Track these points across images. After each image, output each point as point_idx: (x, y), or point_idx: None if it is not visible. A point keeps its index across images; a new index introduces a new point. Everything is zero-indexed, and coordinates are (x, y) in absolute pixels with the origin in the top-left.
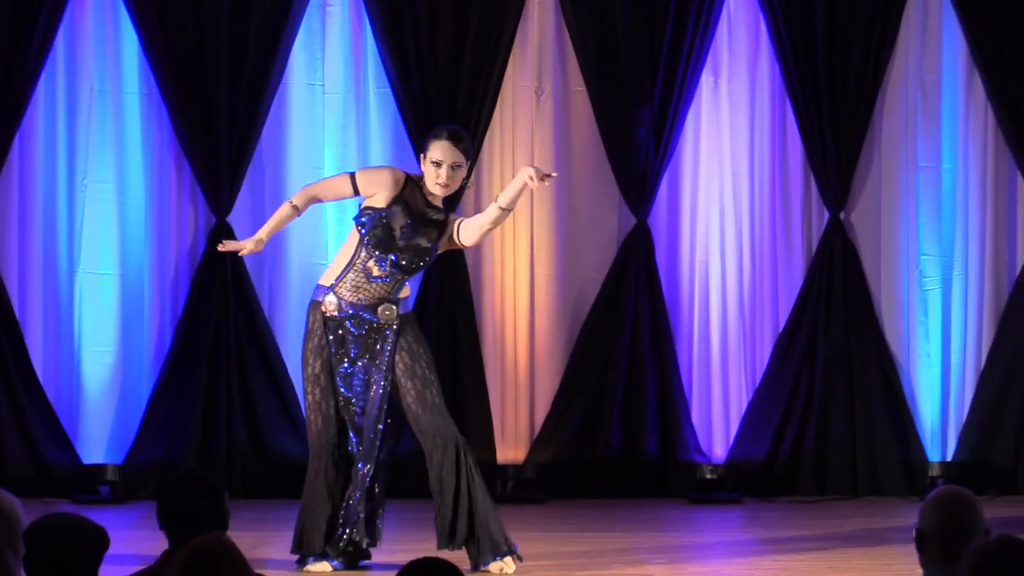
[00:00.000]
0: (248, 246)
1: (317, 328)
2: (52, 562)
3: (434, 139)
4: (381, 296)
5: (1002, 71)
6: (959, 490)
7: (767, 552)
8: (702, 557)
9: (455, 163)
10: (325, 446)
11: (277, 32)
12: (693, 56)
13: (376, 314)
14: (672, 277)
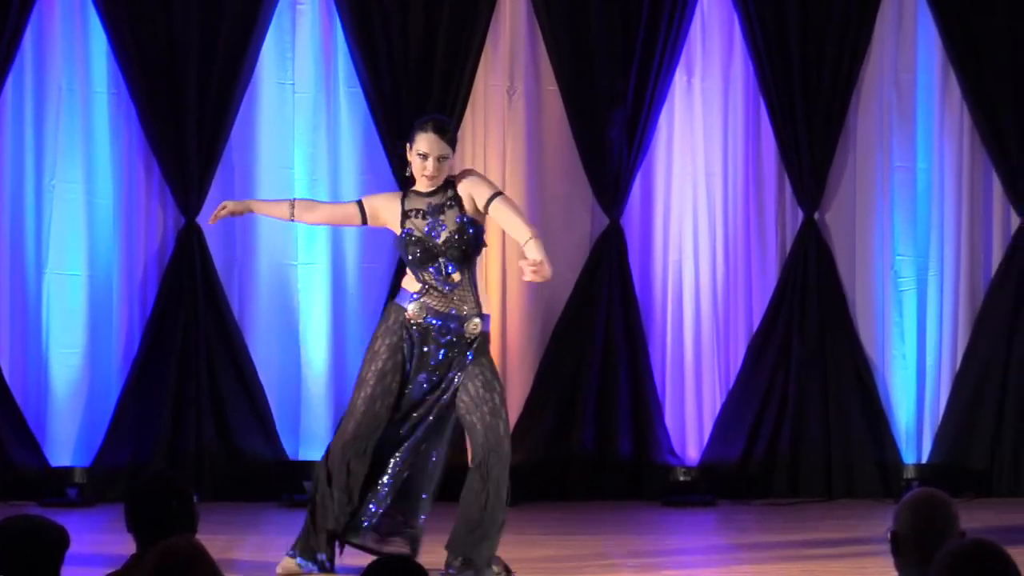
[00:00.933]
0: (231, 206)
1: (396, 327)
2: (14, 563)
3: (420, 131)
4: (467, 298)
5: (978, 70)
6: (934, 492)
7: (741, 555)
8: (676, 560)
9: (441, 155)
10: (359, 438)
11: (247, 31)
12: (666, 55)
13: (463, 326)
14: (645, 278)
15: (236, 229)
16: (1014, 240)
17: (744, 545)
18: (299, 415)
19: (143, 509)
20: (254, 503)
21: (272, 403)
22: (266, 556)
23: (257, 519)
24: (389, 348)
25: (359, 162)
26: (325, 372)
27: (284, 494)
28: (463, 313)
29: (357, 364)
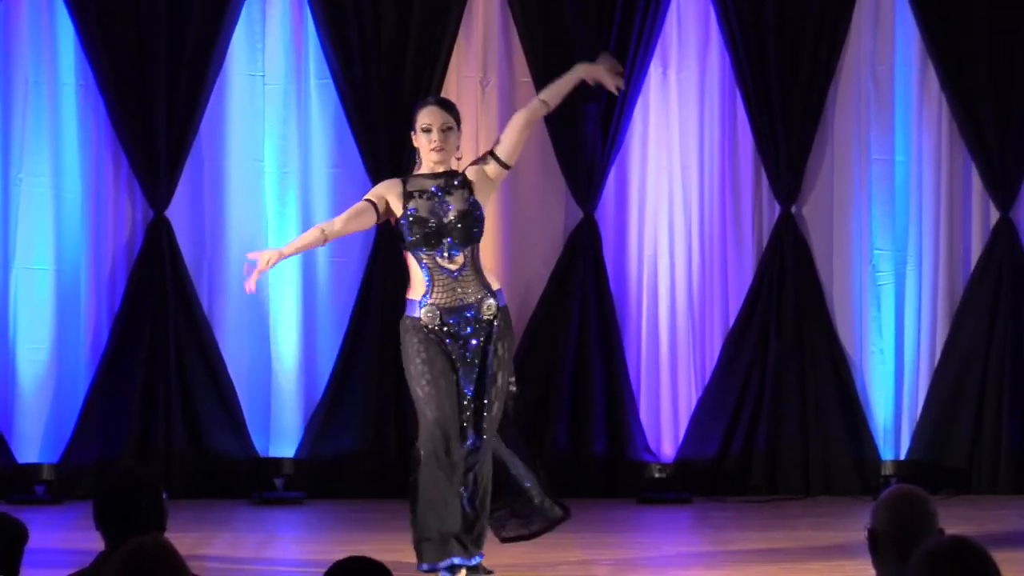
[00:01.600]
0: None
1: (418, 330)
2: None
3: (421, 107)
4: (471, 282)
5: (956, 61)
6: (913, 489)
7: (718, 553)
8: (651, 558)
9: (445, 125)
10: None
11: (216, 22)
12: (641, 47)
13: (479, 311)
14: (620, 272)
15: (206, 222)
16: (993, 234)
17: (720, 542)
18: (269, 411)
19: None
20: (224, 500)
21: (242, 399)
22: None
23: (227, 517)
24: (422, 341)
25: (330, 155)
26: (296, 367)
27: (254, 491)
28: (472, 300)
29: (328, 359)
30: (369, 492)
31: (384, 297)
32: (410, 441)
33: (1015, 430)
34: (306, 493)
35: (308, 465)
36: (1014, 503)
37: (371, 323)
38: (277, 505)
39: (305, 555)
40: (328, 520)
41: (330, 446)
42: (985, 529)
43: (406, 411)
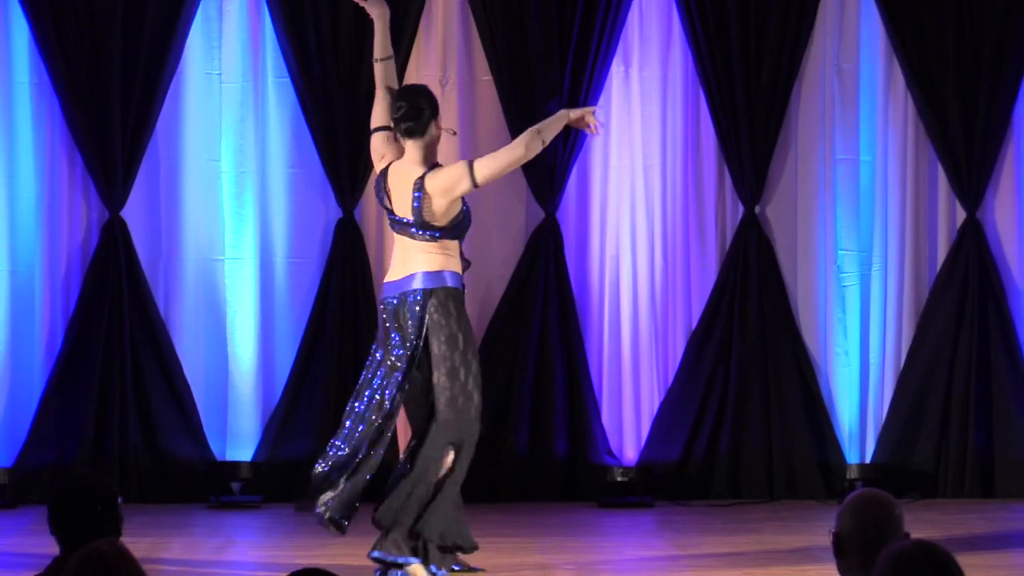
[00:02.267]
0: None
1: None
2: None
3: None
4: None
5: (923, 60)
6: (878, 493)
7: (680, 558)
8: (612, 563)
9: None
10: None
11: (173, 19)
12: (603, 44)
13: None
14: (581, 273)
15: (162, 223)
16: (960, 235)
17: (683, 546)
18: (226, 414)
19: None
20: (180, 505)
21: (199, 402)
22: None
23: (184, 521)
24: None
25: (288, 155)
26: (253, 370)
27: (211, 496)
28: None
29: (286, 361)
30: None
31: (343, 299)
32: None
33: (981, 433)
34: (263, 497)
35: (266, 469)
36: (980, 507)
37: (330, 324)
38: (234, 509)
39: (262, 560)
40: (286, 525)
41: (288, 450)
42: (951, 534)
43: None
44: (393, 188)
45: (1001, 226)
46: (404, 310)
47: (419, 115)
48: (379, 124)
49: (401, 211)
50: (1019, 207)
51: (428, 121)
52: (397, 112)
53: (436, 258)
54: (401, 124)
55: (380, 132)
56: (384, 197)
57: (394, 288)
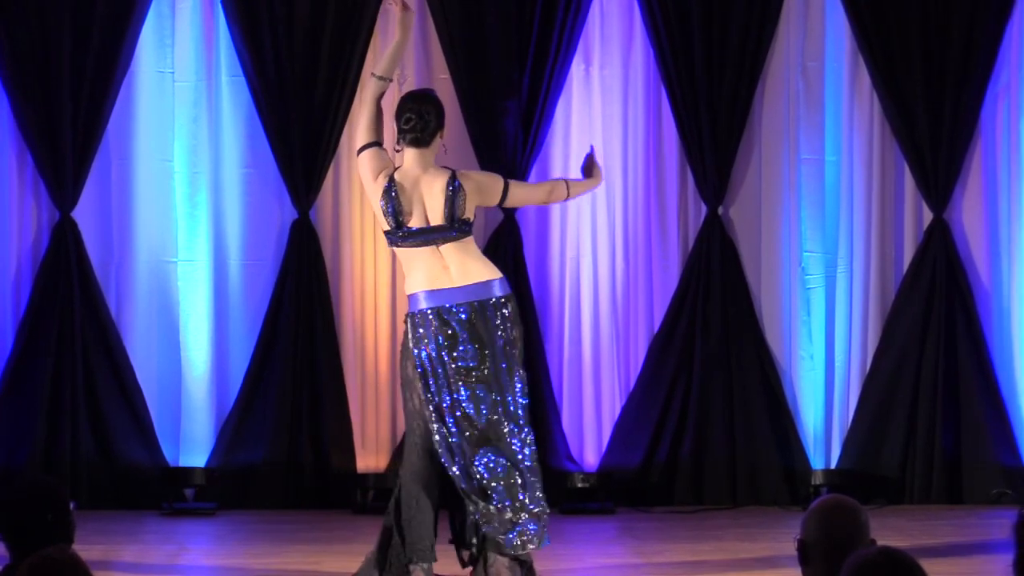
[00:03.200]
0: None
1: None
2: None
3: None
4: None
5: (888, 58)
6: (843, 499)
7: (642, 565)
8: (573, 570)
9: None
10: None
11: (125, 17)
12: (563, 42)
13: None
14: (541, 275)
15: (113, 224)
16: (926, 236)
17: (644, 554)
18: (180, 419)
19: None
20: (133, 511)
21: (151, 407)
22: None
23: (136, 528)
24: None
25: (242, 154)
26: (206, 374)
27: (164, 502)
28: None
29: (240, 366)
30: (282, 503)
31: (298, 301)
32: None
33: (949, 438)
34: (217, 504)
35: (219, 475)
36: (948, 514)
37: (285, 328)
38: (187, 516)
39: (216, 568)
40: (239, 531)
41: (242, 456)
42: (918, 540)
43: (321, 419)
44: (412, 198)
45: (969, 227)
46: (485, 320)
47: (427, 125)
48: (368, 140)
49: (433, 218)
50: (987, 208)
51: (435, 131)
52: (406, 123)
53: (490, 263)
54: (408, 134)
55: (370, 149)
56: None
57: (461, 295)
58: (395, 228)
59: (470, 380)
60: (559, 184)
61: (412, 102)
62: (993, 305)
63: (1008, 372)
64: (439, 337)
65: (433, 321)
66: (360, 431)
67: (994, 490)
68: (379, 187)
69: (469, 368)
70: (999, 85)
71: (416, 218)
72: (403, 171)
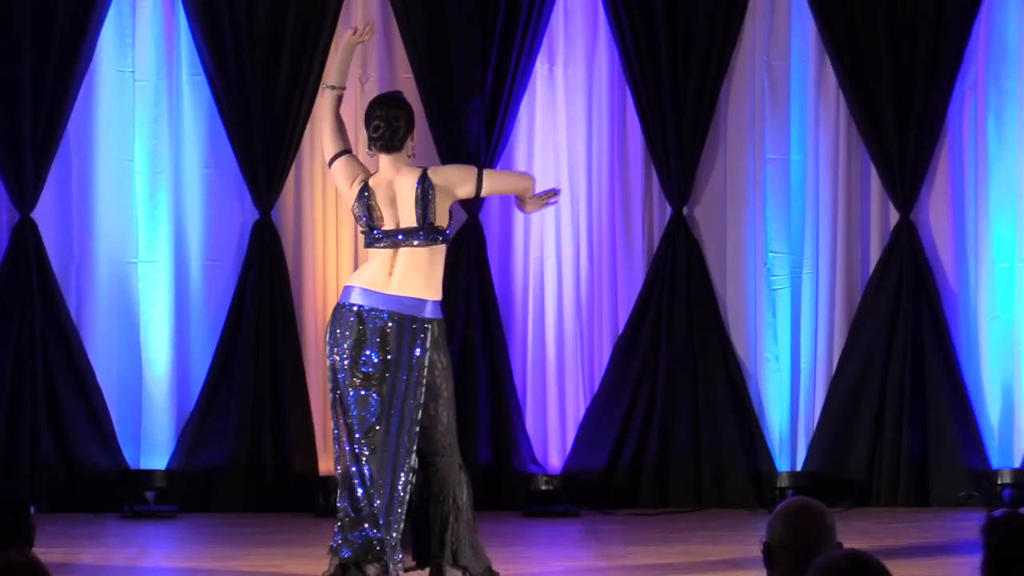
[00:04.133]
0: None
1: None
2: None
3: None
4: None
5: (855, 57)
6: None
7: (606, 568)
8: (537, 574)
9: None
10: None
11: (85, 16)
12: (527, 42)
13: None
14: (505, 276)
15: (73, 225)
16: (893, 236)
17: (609, 557)
18: (140, 422)
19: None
20: (93, 514)
21: (112, 409)
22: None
23: (96, 531)
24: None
25: (203, 154)
26: (167, 376)
27: (125, 505)
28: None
29: (202, 367)
30: (244, 506)
31: (260, 302)
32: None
33: (915, 440)
34: (178, 507)
35: (180, 478)
36: (914, 516)
37: (246, 329)
38: (148, 519)
39: (177, 570)
40: (201, 534)
41: (203, 458)
42: (884, 543)
43: (283, 421)
44: (383, 202)
45: (935, 228)
46: (401, 334)
47: (396, 131)
48: (337, 150)
49: (405, 220)
50: (954, 208)
51: (405, 134)
52: (375, 131)
53: (438, 284)
54: (378, 142)
55: (340, 157)
56: (372, 216)
57: (390, 303)
58: (368, 231)
59: (367, 384)
60: (531, 180)
61: (379, 108)
62: (960, 306)
63: (975, 374)
64: (351, 335)
65: (351, 318)
66: (322, 433)
67: (961, 492)
68: (354, 193)
69: (368, 374)
70: (966, 84)
71: (388, 221)
72: (377, 176)
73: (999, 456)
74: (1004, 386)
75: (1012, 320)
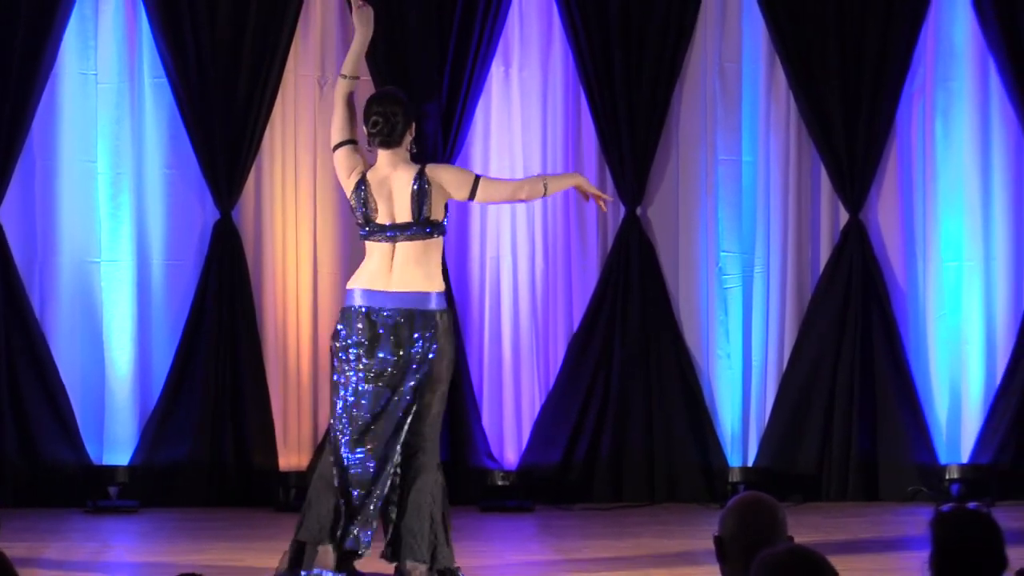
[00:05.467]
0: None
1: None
2: None
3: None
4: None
5: (805, 60)
6: (760, 496)
7: (561, 562)
8: (493, 567)
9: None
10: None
11: (47, 19)
12: (483, 45)
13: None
14: (461, 275)
15: (37, 224)
16: (843, 236)
17: (564, 551)
18: (103, 418)
19: None
20: (57, 509)
21: (75, 406)
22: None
23: (59, 526)
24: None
25: (165, 156)
26: (130, 374)
27: (88, 500)
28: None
29: (163, 365)
30: (205, 501)
31: (221, 301)
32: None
33: (864, 436)
34: (140, 502)
35: (143, 473)
36: (864, 511)
37: (207, 328)
38: (111, 514)
39: (139, 565)
40: (163, 529)
41: (165, 454)
42: (833, 537)
43: (243, 418)
44: (380, 196)
45: (885, 227)
46: (412, 329)
47: (394, 127)
48: (342, 139)
49: (400, 215)
50: (903, 208)
51: (404, 130)
52: (373, 127)
53: (438, 275)
54: (376, 137)
55: (344, 147)
56: (367, 208)
57: (395, 301)
58: (364, 224)
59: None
60: (536, 182)
61: (377, 104)
62: (909, 304)
63: (923, 371)
64: (364, 337)
65: (359, 322)
66: (282, 430)
67: (910, 487)
68: (351, 184)
69: (381, 372)
70: (914, 87)
71: (383, 215)
72: (374, 169)
73: (947, 452)
74: (952, 383)
75: (959, 318)
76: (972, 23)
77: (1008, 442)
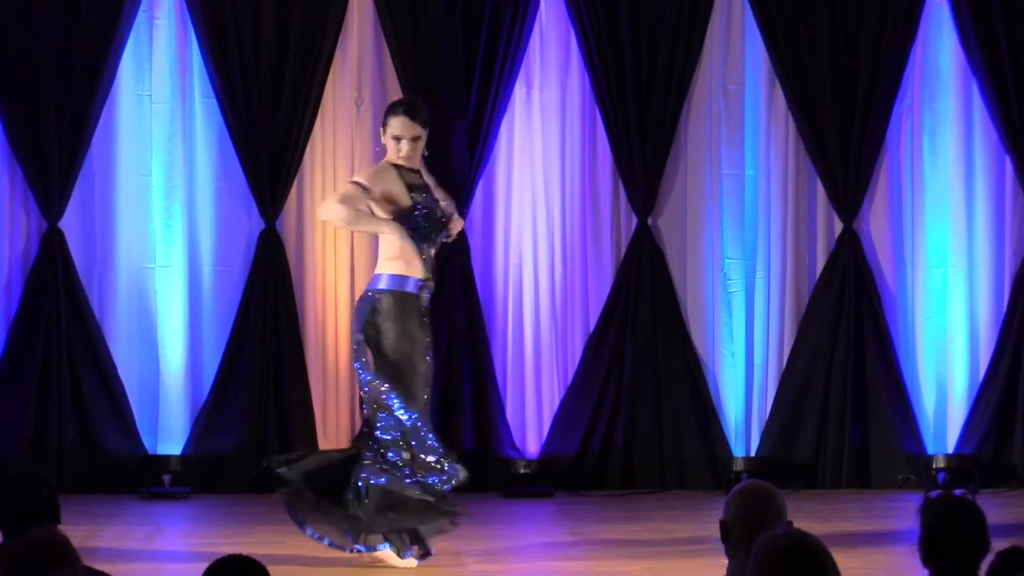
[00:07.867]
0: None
1: (415, 311)
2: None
3: (392, 115)
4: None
5: (802, 82)
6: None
7: (579, 543)
8: (517, 548)
9: (414, 136)
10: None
11: (106, 43)
12: (507, 68)
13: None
14: (487, 280)
15: (96, 234)
16: (837, 244)
17: (581, 533)
18: (157, 412)
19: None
20: (114, 495)
21: (132, 400)
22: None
23: (116, 511)
24: (423, 328)
25: (214, 170)
26: (182, 371)
27: (143, 487)
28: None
29: (213, 362)
30: (250, 487)
31: (265, 303)
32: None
33: (857, 429)
34: (191, 488)
35: (193, 462)
36: (857, 497)
37: (253, 328)
38: (164, 500)
39: (190, 547)
40: (212, 514)
41: (214, 444)
42: (829, 521)
43: (286, 411)
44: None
45: (876, 236)
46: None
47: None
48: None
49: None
50: (893, 218)
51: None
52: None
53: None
54: None
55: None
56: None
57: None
58: None
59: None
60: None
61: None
62: (898, 307)
63: (912, 368)
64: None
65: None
66: (321, 421)
67: (900, 476)
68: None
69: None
70: (903, 106)
71: None
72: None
73: (934, 443)
74: (938, 379)
75: (945, 320)
76: (957, 49)
77: (990, 434)
